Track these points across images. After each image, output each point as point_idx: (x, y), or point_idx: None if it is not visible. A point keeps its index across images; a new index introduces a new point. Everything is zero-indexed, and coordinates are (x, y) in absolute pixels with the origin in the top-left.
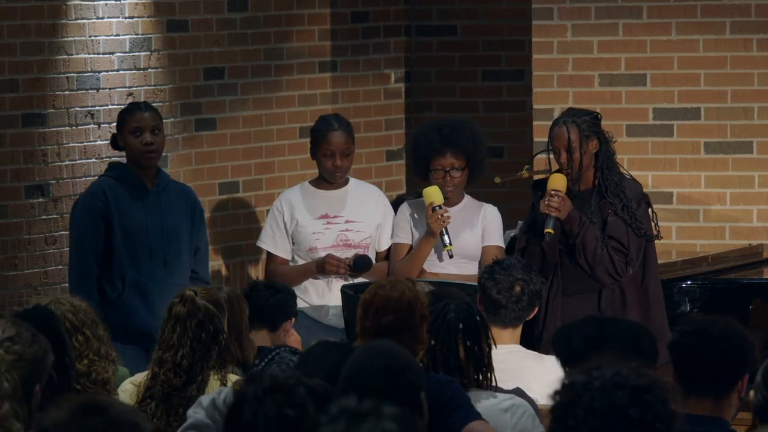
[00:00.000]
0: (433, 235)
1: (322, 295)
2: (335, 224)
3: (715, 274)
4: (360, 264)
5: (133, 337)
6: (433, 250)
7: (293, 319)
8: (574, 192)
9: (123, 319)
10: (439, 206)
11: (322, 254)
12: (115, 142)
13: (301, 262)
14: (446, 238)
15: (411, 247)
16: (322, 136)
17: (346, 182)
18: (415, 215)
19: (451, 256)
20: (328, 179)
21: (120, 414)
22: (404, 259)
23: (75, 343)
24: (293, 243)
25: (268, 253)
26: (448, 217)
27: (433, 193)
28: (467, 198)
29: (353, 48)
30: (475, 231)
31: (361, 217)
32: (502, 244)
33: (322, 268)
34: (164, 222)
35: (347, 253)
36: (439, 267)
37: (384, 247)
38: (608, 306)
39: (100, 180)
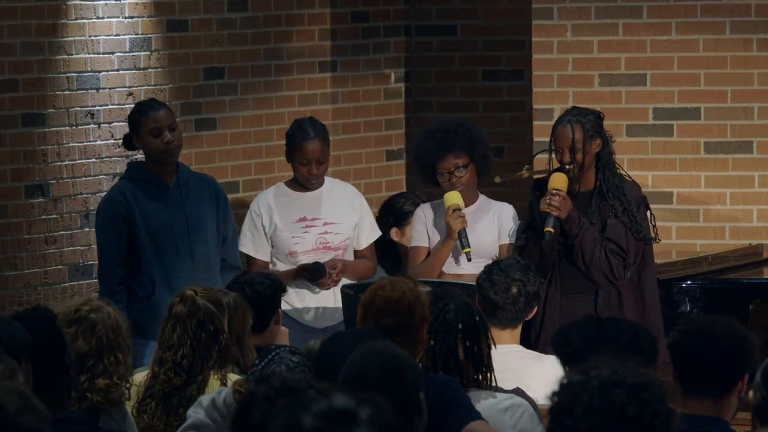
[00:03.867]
0: (452, 236)
1: (302, 298)
2: (314, 227)
3: (715, 274)
4: (314, 273)
5: None
6: (451, 252)
7: (279, 312)
8: (574, 192)
9: (155, 317)
10: (459, 209)
11: (302, 258)
12: (129, 143)
13: (280, 264)
14: (464, 240)
15: (428, 250)
16: (297, 144)
17: (321, 182)
18: (431, 217)
19: (469, 260)
20: (303, 185)
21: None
22: (423, 262)
23: (106, 361)
24: (272, 246)
25: (248, 256)
26: (466, 221)
27: (453, 197)
28: (482, 198)
29: (353, 48)
30: (492, 230)
31: (339, 218)
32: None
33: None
34: (188, 217)
35: (327, 256)
36: (457, 268)
37: (363, 245)
38: (604, 307)
39: (119, 184)
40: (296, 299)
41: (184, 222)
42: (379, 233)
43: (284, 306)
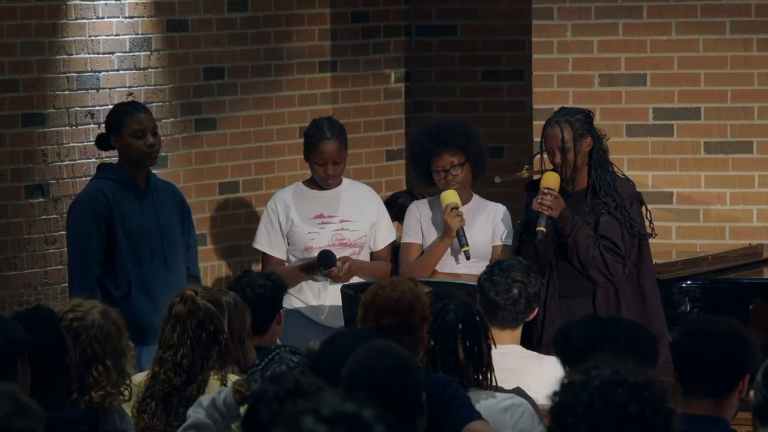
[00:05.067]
0: (449, 234)
1: (318, 295)
2: (330, 224)
3: (715, 274)
4: (323, 260)
5: (138, 336)
6: (449, 250)
7: (282, 312)
8: (568, 192)
9: (130, 318)
10: (457, 207)
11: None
12: (104, 143)
13: (295, 262)
14: (463, 239)
15: (421, 247)
16: (313, 144)
17: (339, 182)
18: (426, 214)
19: (468, 258)
20: (320, 185)
21: None
22: (417, 259)
23: (94, 372)
24: (288, 243)
25: (264, 254)
26: (464, 219)
27: (450, 195)
28: (476, 198)
29: (353, 48)
30: (486, 230)
31: (355, 216)
32: (511, 244)
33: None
34: (161, 221)
35: (343, 253)
36: (450, 267)
37: (380, 246)
38: (602, 306)
39: (96, 182)
40: (312, 297)
41: (158, 226)
42: (396, 236)
43: (299, 304)
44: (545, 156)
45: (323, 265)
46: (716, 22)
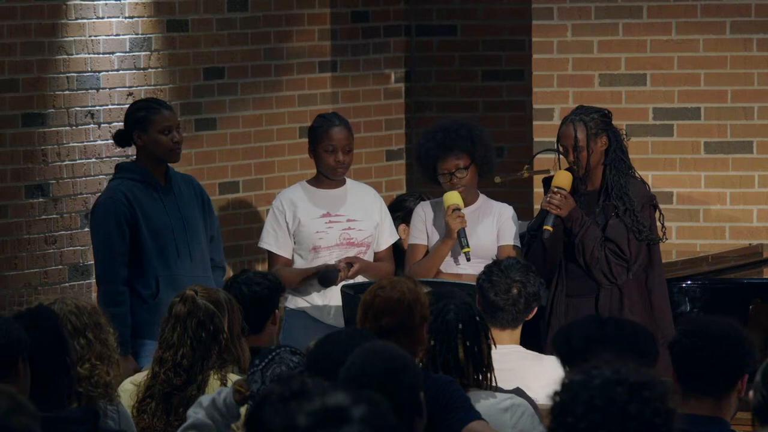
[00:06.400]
0: (450, 236)
1: (323, 295)
2: (337, 222)
3: (715, 274)
4: (324, 280)
5: None
6: (450, 251)
7: (277, 312)
8: (581, 191)
9: (160, 317)
10: (458, 209)
11: (325, 253)
12: (124, 139)
13: (300, 261)
14: (464, 240)
15: (427, 248)
16: (323, 132)
17: (343, 182)
18: (431, 216)
19: (468, 259)
20: (328, 176)
21: None
22: (422, 261)
23: (77, 346)
24: (295, 242)
25: (270, 253)
26: (465, 220)
27: (452, 197)
28: (482, 198)
29: (353, 48)
30: (492, 231)
31: (361, 215)
32: (518, 244)
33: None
34: (183, 216)
35: (350, 252)
36: (456, 268)
37: (383, 247)
38: (605, 307)
39: (116, 183)
40: (317, 297)
41: (181, 221)
42: (397, 237)
43: (304, 304)
44: (560, 155)
45: (323, 284)
46: (716, 22)
